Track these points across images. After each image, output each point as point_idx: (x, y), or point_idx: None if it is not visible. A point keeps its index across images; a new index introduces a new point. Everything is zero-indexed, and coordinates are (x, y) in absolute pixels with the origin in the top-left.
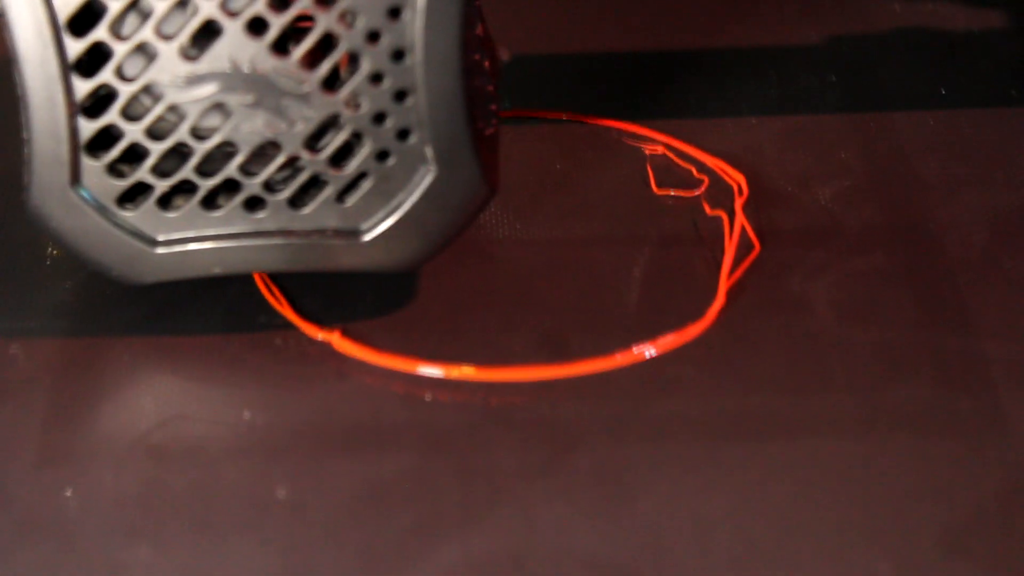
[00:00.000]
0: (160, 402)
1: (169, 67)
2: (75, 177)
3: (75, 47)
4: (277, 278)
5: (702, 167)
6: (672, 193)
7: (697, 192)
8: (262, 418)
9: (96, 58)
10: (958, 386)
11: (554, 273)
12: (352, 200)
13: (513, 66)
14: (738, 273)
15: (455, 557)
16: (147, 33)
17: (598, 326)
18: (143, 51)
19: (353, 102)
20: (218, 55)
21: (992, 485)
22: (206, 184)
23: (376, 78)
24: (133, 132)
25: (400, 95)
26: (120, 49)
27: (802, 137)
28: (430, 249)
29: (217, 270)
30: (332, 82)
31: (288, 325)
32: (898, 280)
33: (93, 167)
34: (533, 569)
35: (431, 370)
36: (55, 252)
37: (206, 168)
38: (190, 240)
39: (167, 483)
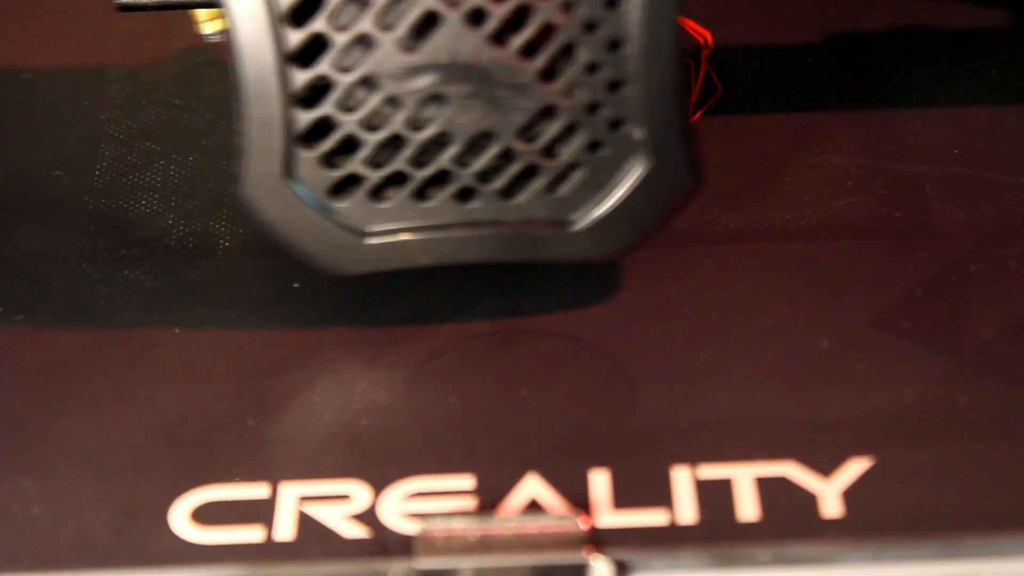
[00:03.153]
0: None
1: (387, 58)
2: (287, 168)
3: (294, 37)
4: None
5: None
6: None
7: None
8: None
9: (312, 48)
10: (893, 200)
11: None
12: (563, 190)
13: None
14: (702, 111)
15: (449, 333)
16: (366, 24)
17: None
18: (361, 42)
19: (568, 92)
20: (437, 46)
21: (919, 276)
22: (419, 175)
23: (592, 68)
24: (349, 123)
25: (615, 85)
26: (339, 40)
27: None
28: (637, 239)
29: (425, 261)
30: (547, 72)
31: None
32: (844, 114)
33: (306, 158)
34: (519, 341)
35: None
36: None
37: (419, 159)
38: (399, 231)
39: (192, 276)
